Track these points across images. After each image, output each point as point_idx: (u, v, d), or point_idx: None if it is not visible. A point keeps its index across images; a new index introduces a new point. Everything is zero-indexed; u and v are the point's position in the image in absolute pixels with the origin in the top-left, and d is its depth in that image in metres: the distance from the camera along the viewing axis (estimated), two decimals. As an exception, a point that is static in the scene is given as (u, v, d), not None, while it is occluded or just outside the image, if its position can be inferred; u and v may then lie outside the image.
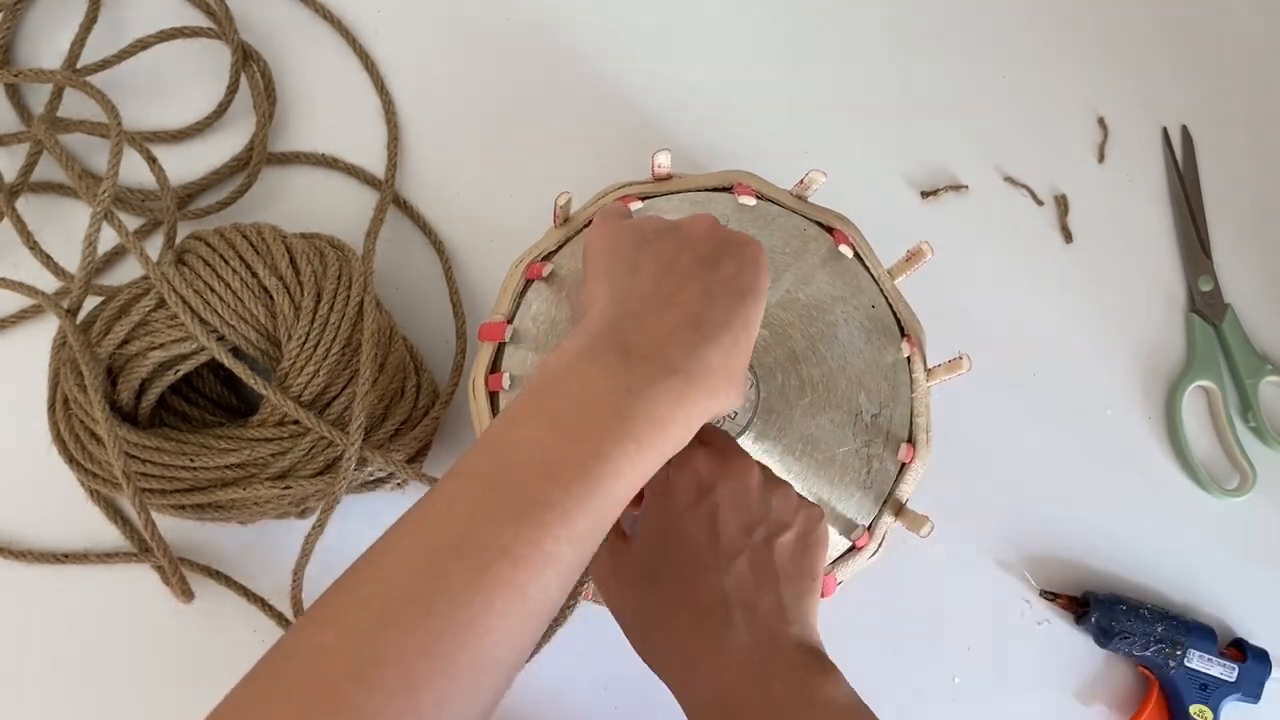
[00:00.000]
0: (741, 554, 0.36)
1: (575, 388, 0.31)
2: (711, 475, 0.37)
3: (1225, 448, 0.59)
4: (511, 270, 0.47)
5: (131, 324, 0.46)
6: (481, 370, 0.45)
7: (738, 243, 0.36)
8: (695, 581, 0.36)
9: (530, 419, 0.31)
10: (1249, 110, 0.64)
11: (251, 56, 0.56)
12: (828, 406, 0.46)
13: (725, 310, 0.33)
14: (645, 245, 0.35)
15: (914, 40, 0.63)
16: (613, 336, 0.32)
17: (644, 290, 0.34)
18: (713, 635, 0.35)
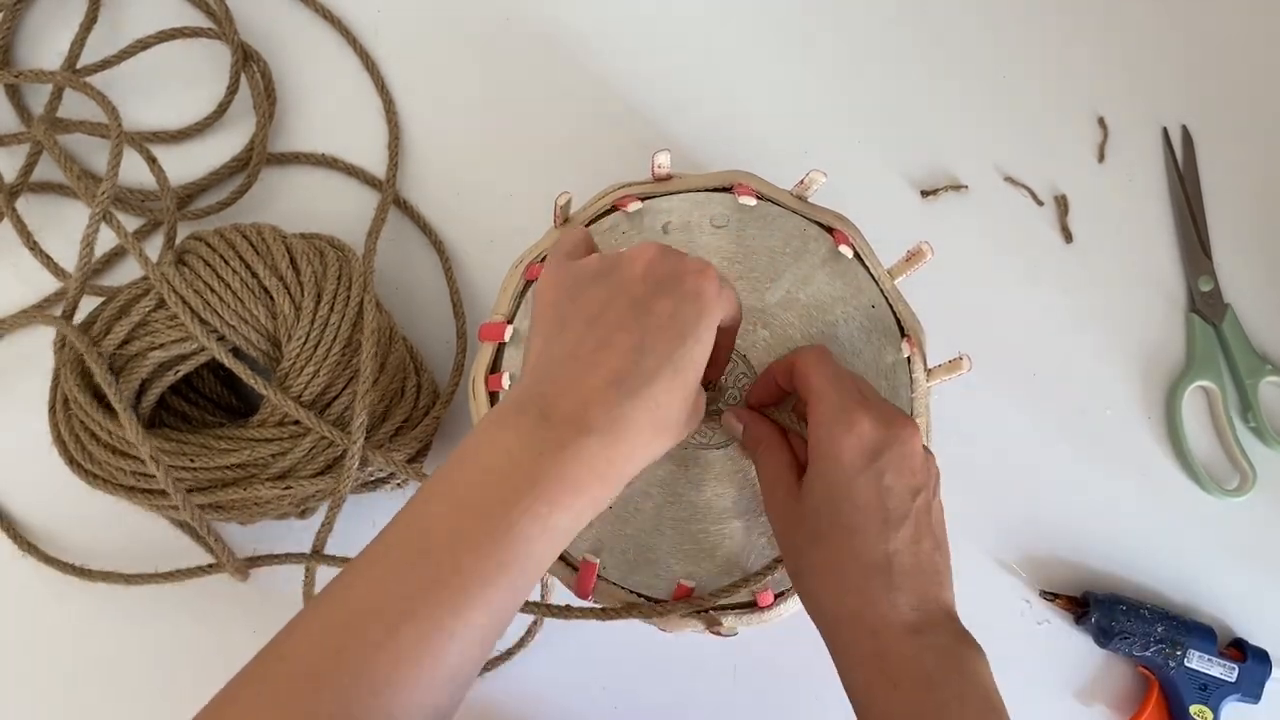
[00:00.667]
0: (907, 518, 0.37)
1: (486, 457, 0.32)
2: (878, 440, 0.38)
3: (1225, 448, 0.59)
4: (511, 271, 0.47)
5: (131, 324, 0.46)
6: (481, 370, 0.45)
7: (675, 277, 0.35)
8: (861, 541, 0.37)
9: (439, 494, 0.32)
10: (1249, 110, 0.64)
11: (251, 56, 0.56)
12: None
13: (657, 358, 0.33)
14: (577, 296, 0.35)
15: (914, 40, 0.63)
16: (531, 401, 0.33)
17: (566, 350, 0.34)
18: (874, 595, 0.37)
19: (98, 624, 0.51)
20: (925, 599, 0.37)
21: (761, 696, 0.55)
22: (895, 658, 0.36)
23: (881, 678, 0.36)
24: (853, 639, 0.37)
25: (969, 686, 0.36)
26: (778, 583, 0.44)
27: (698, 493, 0.44)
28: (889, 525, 0.37)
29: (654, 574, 0.44)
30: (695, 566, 0.44)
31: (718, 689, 0.54)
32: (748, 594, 0.44)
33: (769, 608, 0.44)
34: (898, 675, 0.36)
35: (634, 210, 0.46)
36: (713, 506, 0.44)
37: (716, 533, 0.44)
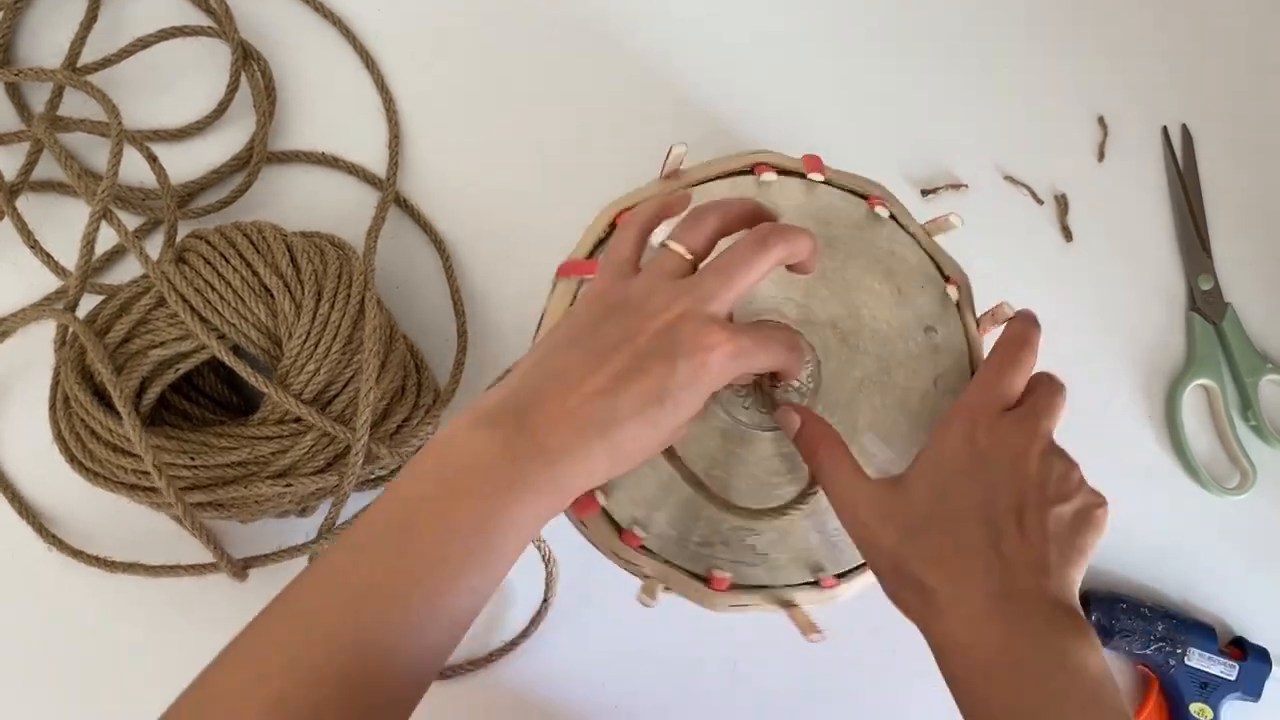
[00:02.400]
0: (1011, 520, 0.38)
1: (470, 449, 0.35)
2: (990, 443, 0.39)
3: (1225, 446, 0.59)
4: (600, 214, 0.46)
5: (132, 322, 0.46)
6: (560, 309, 0.44)
7: (681, 347, 0.35)
8: (961, 537, 0.37)
9: (429, 477, 0.35)
10: (1249, 110, 0.64)
11: (251, 55, 0.56)
12: (890, 369, 0.46)
13: (632, 410, 0.35)
14: (596, 326, 0.37)
15: (914, 39, 0.63)
16: (514, 409, 0.35)
17: (562, 367, 0.36)
18: (969, 583, 0.37)
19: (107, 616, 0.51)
20: (1027, 589, 0.37)
21: (762, 694, 0.55)
22: (988, 650, 0.36)
23: (973, 667, 0.36)
24: (945, 630, 0.37)
25: (1072, 679, 0.35)
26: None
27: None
28: (990, 523, 0.37)
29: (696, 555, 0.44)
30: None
31: (718, 687, 0.54)
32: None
33: (832, 588, 0.44)
34: (988, 665, 0.36)
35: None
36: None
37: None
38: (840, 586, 0.44)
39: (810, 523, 0.44)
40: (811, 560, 0.44)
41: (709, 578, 0.43)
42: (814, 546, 0.44)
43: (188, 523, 0.44)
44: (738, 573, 0.43)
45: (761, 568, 0.44)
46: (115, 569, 0.50)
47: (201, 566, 0.49)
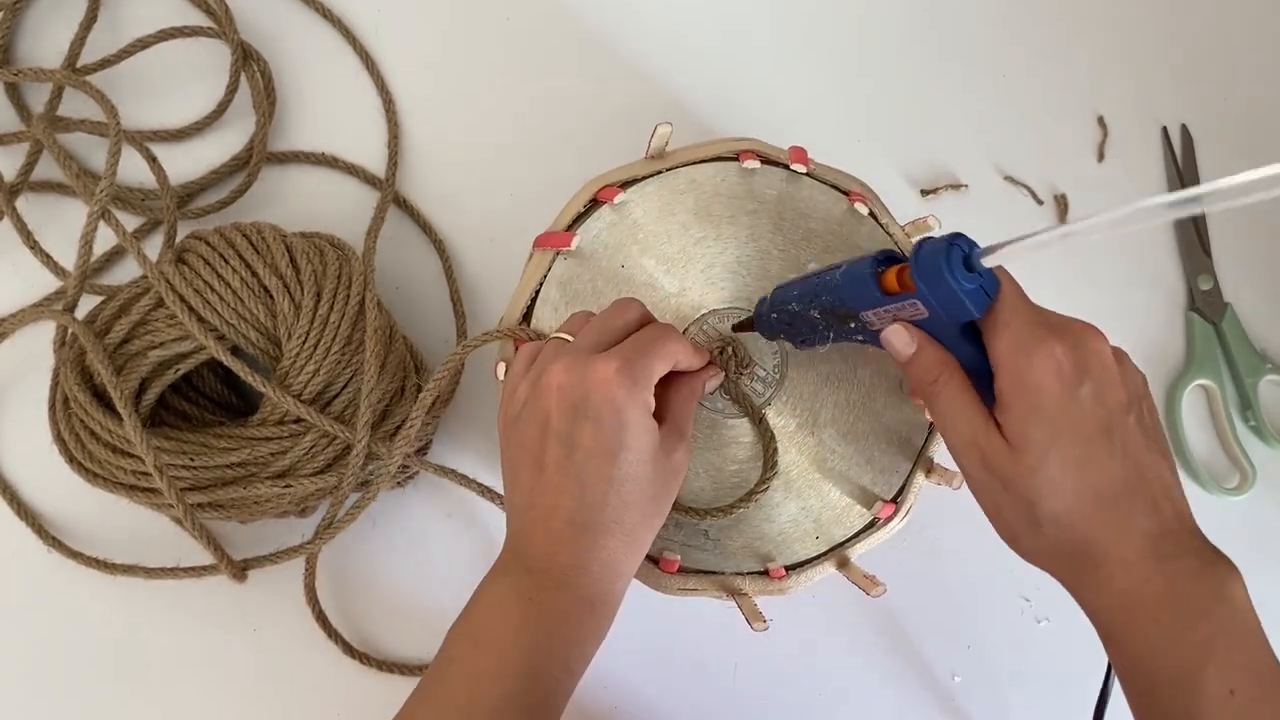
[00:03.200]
0: (1129, 434, 0.35)
1: (488, 602, 0.37)
2: (1076, 358, 0.34)
3: (1225, 446, 0.59)
4: (581, 189, 0.46)
5: (131, 323, 0.46)
6: (525, 294, 0.44)
7: (584, 397, 0.36)
8: (1094, 469, 0.34)
9: (457, 637, 0.37)
10: (1249, 110, 0.64)
11: (251, 56, 0.56)
12: (856, 366, 0.45)
13: (598, 485, 0.36)
14: (512, 437, 0.38)
15: (914, 39, 0.63)
16: (515, 555, 0.38)
17: (524, 500, 0.38)
18: (1114, 522, 0.34)
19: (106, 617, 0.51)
20: (1170, 519, 0.35)
21: (762, 696, 0.55)
22: (1152, 591, 0.34)
23: (1142, 615, 0.34)
24: (1107, 578, 0.35)
25: (1228, 613, 0.34)
26: (790, 555, 0.44)
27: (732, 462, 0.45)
28: (1113, 445, 0.34)
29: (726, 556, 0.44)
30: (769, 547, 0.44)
31: (718, 688, 0.54)
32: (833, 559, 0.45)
33: (781, 579, 0.44)
34: (1157, 611, 0.34)
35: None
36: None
37: None
38: (789, 578, 0.44)
39: (764, 513, 0.44)
40: (762, 550, 0.44)
41: (659, 559, 0.43)
42: (766, 536, 0.44)
43: (188, 523, 0.45)
44: (688, 556, 0.43)
45: (712, 554, 0.44)
46: (115, 570, 0.50)
47: (200, 569, 0.49)
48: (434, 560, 0.53)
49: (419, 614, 0.53)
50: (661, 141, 0.46)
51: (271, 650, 0.52)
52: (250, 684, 0.51)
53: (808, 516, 0.45)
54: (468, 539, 0.54)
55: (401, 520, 0.53)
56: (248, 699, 0.51)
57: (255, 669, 0.51)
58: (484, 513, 0.54)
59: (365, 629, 0.52)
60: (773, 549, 0.44)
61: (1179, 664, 0.33)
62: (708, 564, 0.44)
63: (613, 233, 0.45)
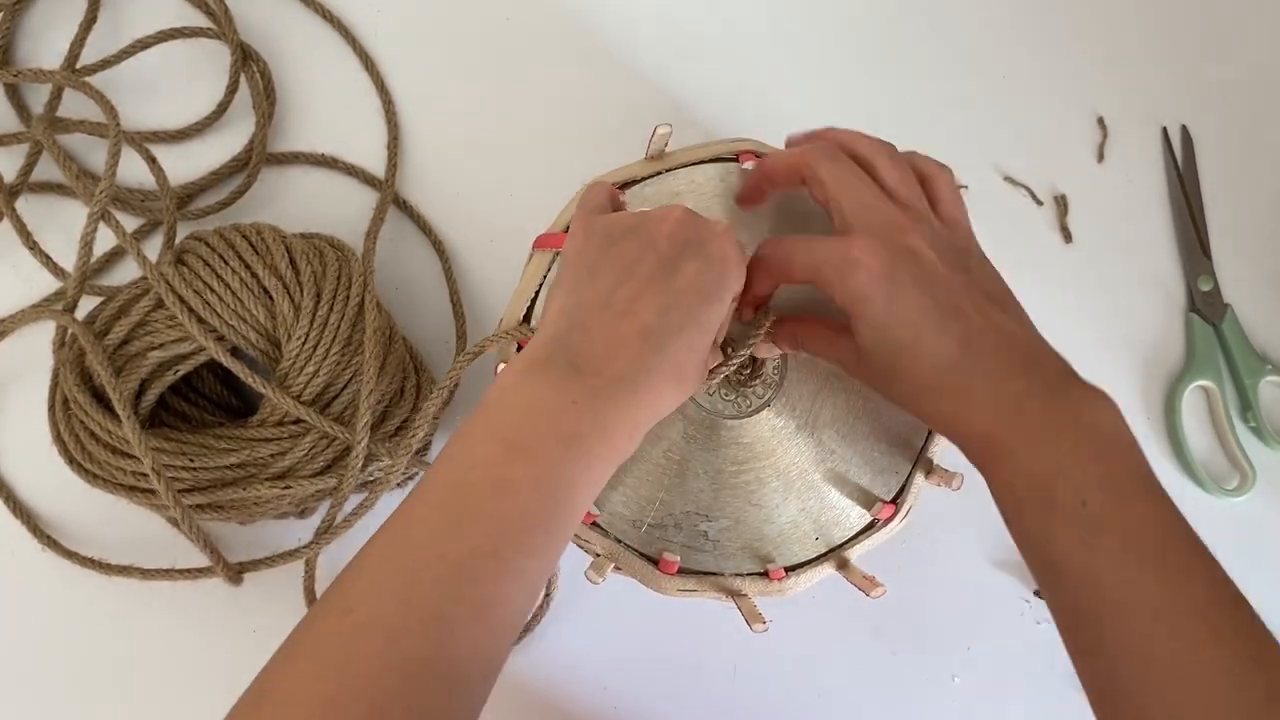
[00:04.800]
0: (957, 305, 0.37)
1: (524, 401, 0.33)
2: (889, 259, 0.37)
3: (1225, 447, 0.59)
4: (580, 190, 0.46)
5: (131, 324, 0.46)
6: (526, 295, 0.44)
7: (701, 240, 0.36)
8: (928, 349, 0.36)
9: (483, 437, 0.32)
10: (1249, 110, 0.64)
11: (251, 56, 0.56)
12: (848, 387, 0.45)
13: (681, 315, 0.35)
14: (609, 247, 0.36)
15: (913, 40, 0.63)
16: (561, 348, 0.34)
17: (598, 298, 0.35)
18: (964, 387, 0.36)
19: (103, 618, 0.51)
20: (1014, 363, 0.36)
21: (761, 697, 0.55)
22: (1004, 429, 0.35)
23: (999, 450, 0.35)
24: (967, 430, 0.36)
25: (1085, 433, 0.34)
26: (794, 555, 0.45)
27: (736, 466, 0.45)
28: (943, 320, 0.36)
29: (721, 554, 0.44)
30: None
31: (718, 689, 0.54)
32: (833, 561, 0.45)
33: (780, 580, 0.44)
34: (1011, 443, 0.35)
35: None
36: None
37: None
38: (789, 580, 0.44)
39: (763, 514, 0.44)
40: (762, 551, 0.44)
41: (658, 560, 0.43)
42: (765, 538, 0.44)
43: (184, 525, 0.45)
44: (687, 557, 0.43)
45: (711, 554, 0.44)
46: (111, 571, 0.50)
47: (196, 570, 0.49)
48: (434, 561, 0.53)
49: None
50: (661, 143, 0.46)
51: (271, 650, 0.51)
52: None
53: (807, 518, 0.45)
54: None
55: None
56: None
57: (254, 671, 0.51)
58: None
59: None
60: (772, 550, 0.44)
61: (1032, 484, 0.34)
62: (707, 565, 0.44)
63: None
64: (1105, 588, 0.32)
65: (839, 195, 0.39)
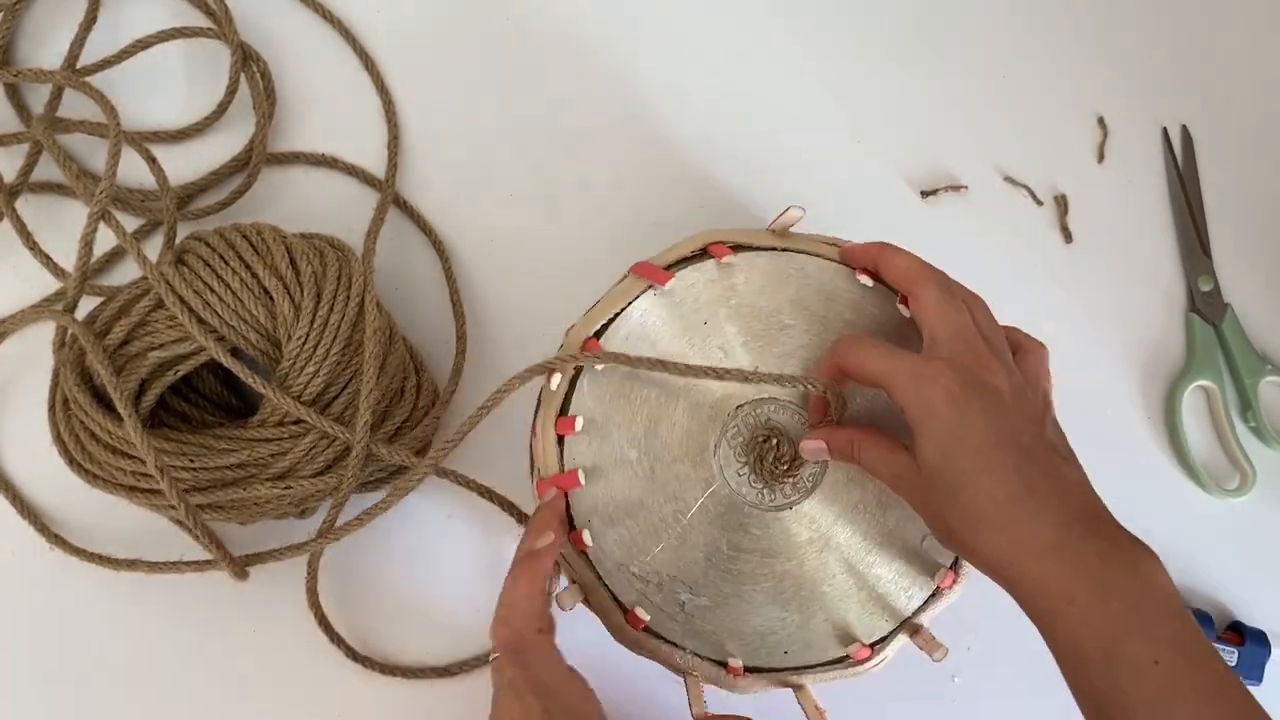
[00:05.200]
0: (1028, 447, 0.37)
1: None
2: (965, 383, 0.38)
3: (1225, 448, 0.59)
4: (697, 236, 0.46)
5: (131, 324, 0.46)
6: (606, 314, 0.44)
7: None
8: (991, 480, 0.37)
9: None
10: (1249, 110, 0.64)
11: (251, 57, 0.56)
12: (887, 508, 0.45)
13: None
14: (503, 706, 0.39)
15: (913, 40, 0.63)
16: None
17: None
18: (1022, 525, 0.36)
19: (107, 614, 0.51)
20: (1074, 511, 0.37)
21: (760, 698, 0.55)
22: (1064, 576, 0.36)
23: (1058, 599, 0.36)
24: (1020, 572, 0.37)
25: (1144, 589, 0.35)
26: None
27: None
28: (1011, 455, 0.37)
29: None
30: None
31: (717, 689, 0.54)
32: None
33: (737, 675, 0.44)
34: (1071, 593, 0.35)
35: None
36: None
37: None
38: (744, 679, 0.44)
39: (746, 608, 0.44)
40: (728, 645, 0.44)
41: (630, 610, 0.43)
42: (739, 633, 0.44)
43: (189, 522, 0.44)
44: (656, 619, 0.43)
45: (680, 626, 0.44)
46: (118, 566, 0.50)
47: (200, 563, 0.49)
48: (434, 561, 0.53)
49: (419, 616, 0.53)
50: (789, 222, 0.46)
51: (272, 651, 0.52)
52: (250, 685, 0.51)
53: (785, 628, 0.44)
54: (468, 540, 0.54)
55: (401, 521, 0.53)
56: (247, 700, 0.51)
57: (255, 670, 0.51)
58: (484, 513, 0.54)
59: (365, 631, 0.52)
60: (738, 646, 0.44)
61: (1100, 639, 0.35)
62: (672, 634, 0.43)
63: (709, 289, 0.44)
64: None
65: (938, 318, 0.40)
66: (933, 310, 0.40)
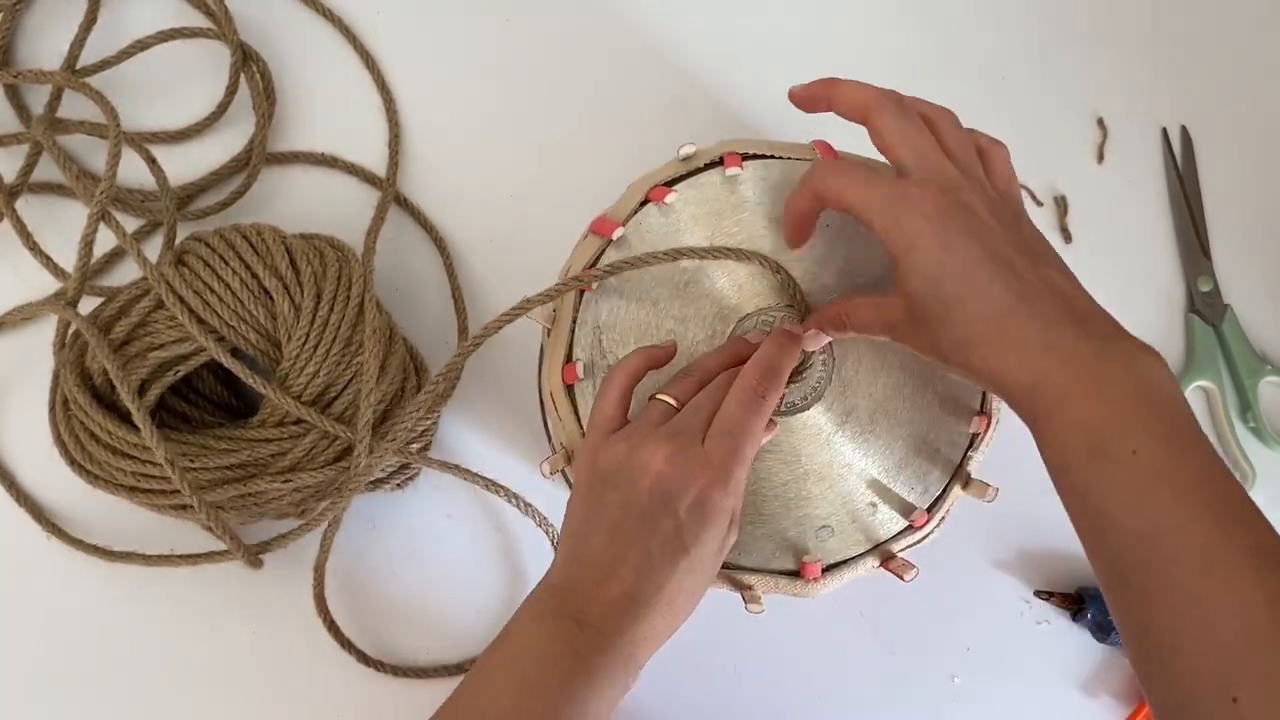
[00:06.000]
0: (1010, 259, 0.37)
1: (536, 645, 0.37)
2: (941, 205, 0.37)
3: (1225, 448, 0.59)
4: (632, 187, 0.46)
5: (131, 324, 0.46)
6: (580, 264, 0.44)
7: (681, 492, 0.37)
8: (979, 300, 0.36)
9: (501, 674, 0.38)
10: (1249, 110, 0.64)
11: (251, 57, 0.56)
12: (903, 378, 0.45)
13: (662, 571, 0.37)
14: (598, 497, 0.39)
15: (913, 40, 0.63)
16: (564, 603, 0.38)
17: (591, 556, 0.38)
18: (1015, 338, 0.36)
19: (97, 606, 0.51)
20: (1067, 315, 0.36)
21: (761, 698, 0.55)
22: (1055, 379, 0.35)
23: (1049, 401, 0.35)
24: (1015, 382, 0.36)
25: (1133, 383, 0.34)
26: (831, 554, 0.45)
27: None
28: (996, 270, 0.36)
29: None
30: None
31: (717, 690, 0.54)
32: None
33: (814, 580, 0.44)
34: (1061, 394, 0.35)
35: (729, 175, 0.45)
36: None
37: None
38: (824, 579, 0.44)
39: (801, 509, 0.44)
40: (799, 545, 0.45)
41: None
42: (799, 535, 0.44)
43: (202, 514, 0.45)
44: None
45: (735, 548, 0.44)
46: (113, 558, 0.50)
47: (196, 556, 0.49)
48: (435, 561, 0.53)
49: (420, 615, 0.53)
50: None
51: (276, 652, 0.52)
52: (251, 685, 0.51)
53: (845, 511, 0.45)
54: (469, 540, 0.54)
55: (401, 522, 0.53)
56: (249, 699, 0.51)
57: (257, 669, 0.51)
58: (485, 513, 0.54)
59: (365, 630, 0.52)
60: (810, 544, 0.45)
61: (1087, 434, 0.34)
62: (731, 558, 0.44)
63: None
64: (1156, 536, 0.32)
65: (900, 143, 0.39)
66: (893, 136, 0.39)
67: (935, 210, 0.37)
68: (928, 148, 0.39)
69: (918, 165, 0.38)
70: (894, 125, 0.39)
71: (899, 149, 0.39)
